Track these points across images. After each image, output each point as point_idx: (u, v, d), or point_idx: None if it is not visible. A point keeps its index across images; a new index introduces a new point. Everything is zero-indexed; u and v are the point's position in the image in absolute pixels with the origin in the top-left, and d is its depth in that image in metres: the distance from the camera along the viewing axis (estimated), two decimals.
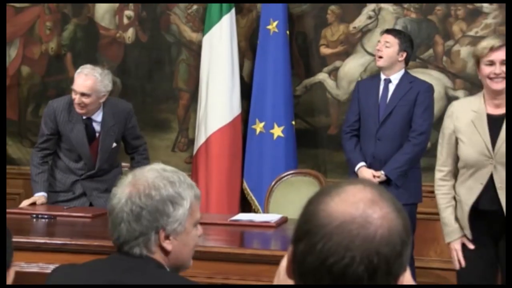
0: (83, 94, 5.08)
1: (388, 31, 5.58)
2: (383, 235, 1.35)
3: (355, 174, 5.55)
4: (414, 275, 5.59)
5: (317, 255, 1.35)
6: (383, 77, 5.60)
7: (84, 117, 5.24)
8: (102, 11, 6.96)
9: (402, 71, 5.56)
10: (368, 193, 1.40)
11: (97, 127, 5.31)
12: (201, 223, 4.91)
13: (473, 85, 6.18)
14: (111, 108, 5.32)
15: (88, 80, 5.08)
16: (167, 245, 2.27)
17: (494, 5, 6.14)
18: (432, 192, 4.47)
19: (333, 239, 1.34)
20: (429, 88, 5.55)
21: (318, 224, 1.37)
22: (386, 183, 5.44)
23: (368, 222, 1.35)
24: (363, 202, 1.38)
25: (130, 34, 6.92)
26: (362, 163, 5.51)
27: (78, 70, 5.16)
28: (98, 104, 5.20)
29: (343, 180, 1.47)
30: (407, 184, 5.48)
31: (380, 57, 5.51)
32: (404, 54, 5.54)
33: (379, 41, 5.57)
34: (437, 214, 4.62)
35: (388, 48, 5.49)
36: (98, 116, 5.29)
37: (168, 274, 2.27)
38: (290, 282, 1.49)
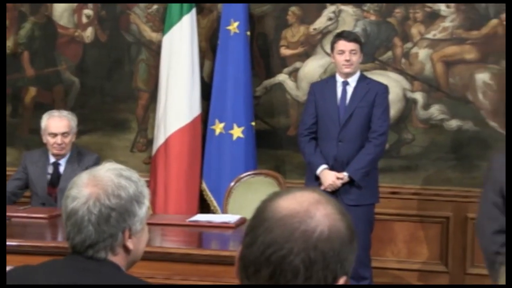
0: (63, 134, 5.54)
1: (346, 38, 5.60)
2: (322, 232, 1.39)
3: (316, 177, 5.57)
4: (371, 275, 5.64)
5: (258, 246, 1.39)
6: (340, 79, 5.64)
7: (52, 161, 5.61)
8: (60, 9, 6.90)
9: (358, 73, 5.65)
10: (316, 195, 1.45)
11: (61, 169, 5.64)
12: (160, 224, 4.93)
13: (431, 87, 6.24)
14: (77, 154, 5.66)
15: (63, 120, 5.59)
16: (130, 244, 2.27)
17: (452, 9, 6.20)
18: (390, 193, 4.51)
19: (274, 231, 1.39)
20: (386, 89, 5.65)
21: (263, 218, 1.42)
22: (348, 184, 5.49)
23: (309, 218, 1.40)
24: (308, 201, 1.43)
25: (89, 33, 6.87)
26: (324, 166, 5.55)
27: (46, 117, 5.63)
28: (71, 144, 5.64)
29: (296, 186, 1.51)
30: (367, 185, 5.53)
31: (350, 65, 5.55)
32: (362, 54, 5.64)
33: (340, 50, 5.57)
34: (396, 214, 4.64)
35: (355, 54, 5.56)
36: (64, 159, 5.65)
37: (125, 276, 2.26)
38: None
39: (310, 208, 1.42)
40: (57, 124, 5.56)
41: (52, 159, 5.61)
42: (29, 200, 5.73)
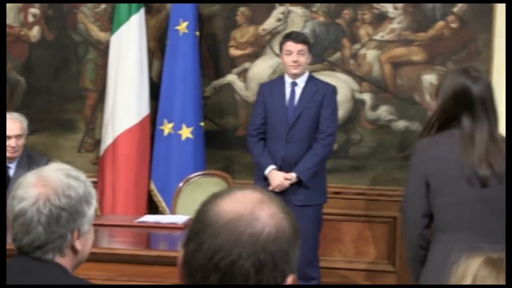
0: (17, 136, 5.48)
1: (294, 39, 5.64)
2: (270, 233, 1.38)
3: (265, 178, 5.59)
4: (319, 275, 5.67)
5: (205, 252, 1.37)
6: (288, 80, 5.67)
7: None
8: (6, 8, 6.82)
9: (307, 73, 5.68)
10: (258, 194, 1.43)
11: (11, 173, 5.55)
12: (108, 225, 4.90)
13: (379, 88, 6.29)
14: (27, 157, 5.59)
15: (16, 122, 5.53)
16: (78, 244, 2.26)
17: (400, 10, 6.26)
18: (338, 193, 4.54)
19: (220, 236, 1.37)
20: (334, 90, 5.70)
21: (207, 223, 1.39)
22: (296, 184, 5.52)
23: (255, 220, 1.38)
24: (251, 202, 1.41)
25: (35, 32, 6.79)
26: (273, 166, 5.57)
27: None
28: (22, 146, 5.60)
29: (236, 186, 1.50)
30: (315, 185, 5.56)
31: (298, 65, 5.58)
32: (311, 55, 5.67)
33: (288, 51, 5.61)
34: (343, 215, 4.68)
35: (302, 55, 5.59)
36: (14, 162, 5.59)
37: (71, 278, 2.25)
38: None
39: (254, 210, 1.40)
40: (10, 126, 5.44)
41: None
42: None
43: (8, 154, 5.47)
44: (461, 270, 1.72)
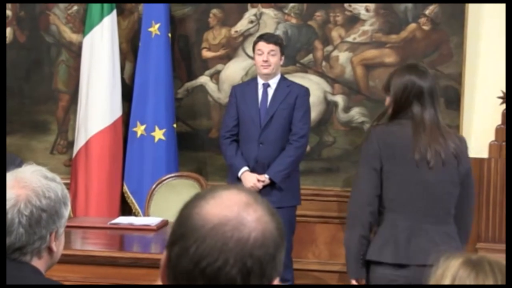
0: None
1: (266, 40, 5.67)
2: (257, 238, 1.36)
3: (238, 179, 5.60)
4: (292, 277, 5.68)
5: (191, 257, 1.34)
6: (261, 81, 5.69)
7: None
8: None
9: (279, 75, 5.71)
10: (243, 196, 1.41)
11: None
12: (81, 227, 4.88)
13: (351, 90, 6.32)
14: None
15: None
16: (54, 246, 2.26)
17: (371, 13, 6.29)
18: (311, 195, 4.56)
19: (206, 242, 1.34)
20: (307, 91, 5.73)
21: (192, 227, 1.36)
22: (269, 186, 5.53)
23: (242, 225, 1.36)
24: (237, 205, 1.38)
25: (7, 33, 6.75)
26: (246, 168, 5.59)
27: None
28: None
29: (219, 185, 1.47)
30: (288, 187, 5.58)
31: (269, 65, 5.60)
32: (283, 57, 5.69)
33: (259, 50, 5.65)
34: (317, 216, 4.70)
35: (273, 56, 5.61)
36: None
37: (45, 280, 2.24)
38: None
39: (240, 214, 1.37)
40: None
41: None
42: None
43: None
44: (440, 270, 1.73)
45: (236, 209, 1.38)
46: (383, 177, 3.88)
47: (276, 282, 1.42)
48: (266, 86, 5.69)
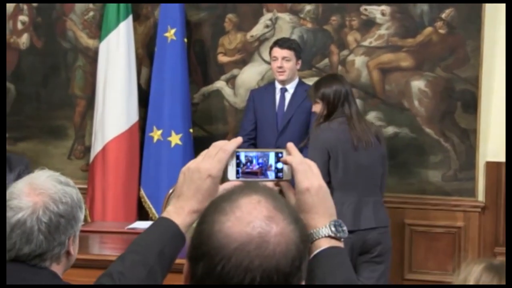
0: None
1: (280, 46, 5.67)
2: (281, 252, 1.34)
3: None
4: None
5: (217, 277, 1.33)
6: (278, 86, 5.69)
7: None
8: None
9: (297, 79, 5.70)
10: (263, 208, 1.38)
11: None
12: (99, 232, 4.89)
13: (368, 94, 6.31)
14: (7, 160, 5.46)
15: None
16: (72, 250, 2.27)
17: (387, 17, 6.27)
18: None
19: (231, 261, 1.33)
20: None
21: (216, 246, 1.34)
22: None
23: (265, 242, 1.34)
24: (259, 220, 1.36)
25: (24, 39, 6.79)
26: None
27: None
28: None
29: (235, 188, 1.45)
30: None
31: (283, 71, 5.60)
32: (300, 61, 5.69)
33: (274, 57, 5.65)
34: None
35: (288, 61, 5.60)
36: None
37: (63, 285, 2.25)
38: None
39: (263, 230, 1.35)
40: None
41: None
42: None
43: None
44: (462, 275, 1.72)
45: (258, 225, 1.35)
46: (330, 165, 4.87)
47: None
48: (283, 90, 5.69)
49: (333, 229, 1.67)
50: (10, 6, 6.76)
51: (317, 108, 4.95)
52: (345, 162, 4.85)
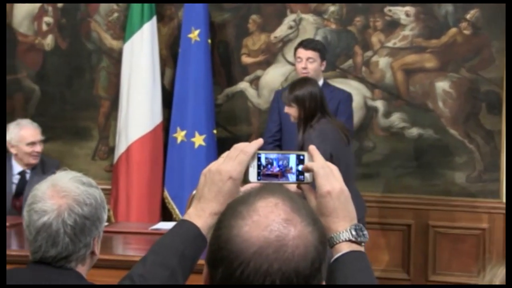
0: (40, 142, 5.53)
1: (305, 46, 5.65)
2: (300, 255, 1.33)
3: None
4: None
5: (236, 282, 1.33)
6: None
7: (18, 170, 5.54)
8: (20, 17, 6.85)
9: (322, 81, 5.67)
10: (281, 210, 1.37)
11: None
12: (122, 232, 4.90)
13: (392, 95, 6.29)
14: (41, 162, 5.60)
15: (36, 128, 5.58)
16: (96, 249, 2.28)
17: (412, 17, 6.26)
18: None
19: (250, 266, 1.32)
20: (350, 97, 5.68)
21: (234, 251, 1.34)
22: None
23: (284, 245, 1.33)
24: (276, 223, 1.35)
25: (49, 40, 6.83)
26: None
27: (17, 127, 5.56)
28: None
29: (252, 190, 1.44)
30: None
31: (307, 72, 5.58)
32: (324, 62, 5.66)
33: (299, 57, 5.64)
34: None
35: (312, 62, 5.58)
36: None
37: (87, 285, 2.26)
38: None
39: (281, 233, 1.34)
40: (33, 132, 5.53)
41: (18, 169, 5.53)
42: None
43: (32, 161, 5.51)
44: (488, 277, 1.71)
45: (276, 228, 1.34)
46: (333, 162, 4.51)
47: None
48: None
49: (353, 233, 1.67)
50: (35, 7, 6.81)
51: (291, 111, 5.06)
52: (344, 158, 4.98)
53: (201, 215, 1.74)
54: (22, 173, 5.54)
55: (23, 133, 5.49)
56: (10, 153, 5.55)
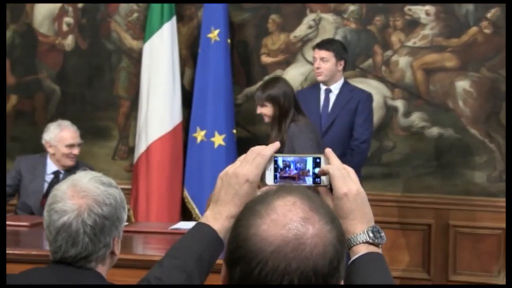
0: (79, 144, 5.59)
1: (319, 46, 5.66)
2: (318, 253, 1.33)
3: None
4: None
5: (254, 281, 1.33)
6: (323, 87, 5.66)
7: (53, 170, 5.55)
8: (41, 17, 6.89)
9: (341, 80, 5.66)
10: (299, 209, 1.36)
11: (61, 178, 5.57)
12: (142, 232, 4.92)
13: (412, 95, 6.27)
14: (75, 166, 5.58)
15: (76, 130, 5.63)
16: (116, 249, 2.28)
17: (432, 17, 6.24)
18: (371, 200, 4.51)
19: (268, 265, 1.31)
20: (369, 97, 5.66)
21: (252, 250, 1.33)
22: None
23: (302, 244, 1.32)
24: (295, 222, 1.34)
25: (69, 41, 6.86)
26: None
27: (57, 128, 5.57)
28: None
29: (270, 190, 1.43)
30: None
31: (321, 72, 5.58)
32: (342, 62, 5.65)
33: (314, 57, 5.65)
34: (377, 222, 4.65)
35: (326, 62, 5.57)
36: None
37: (107, 285, 2.26)
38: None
39: (299, 232, 1.33)
40: (73, 134, 5.57)
41: (53, 168, 5.54)
42: (13, 208, 5.67)
43: (69, 163, 5.54)
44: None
45: (294, 226, 1.34)
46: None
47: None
48: (328, 91, 5.66)
49: (371, 235, 1.68)
50: (55, 7, 6.84)
51: (265, 110, 5.19)
52: (320, 144, 5.09)
53: (218, 218, 1.76)
54: (56, 173, 5.56)
55: (63, 135, 5.52)
56: (45, 152, 5.57)
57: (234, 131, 6.36)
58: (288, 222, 1.34)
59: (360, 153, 5.57)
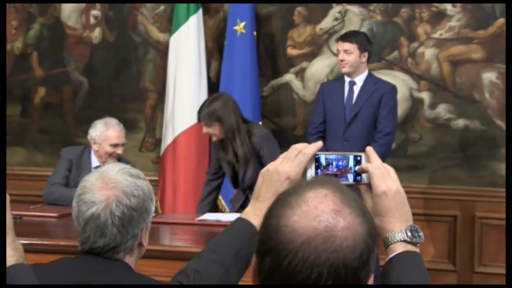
0: (123, 144, 5.52)
1: (343, 39, 5.65)
2: (349, 246, 1.32)
3: None
4: (379, 273, 5.65)
5: (284, 272, 1.32)
6: (347, 79, 5.67)
7: (96, 164, 5.53)
8: (68, 10, 6.94)
9: (366, 72, 5.66)
10: (330, 201, 1.36)
11: None
12: (169, 223, 4.95)
13: (438, 87, 6.26)
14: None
15: (122, 130, 5.53)
16: (144, 241, 2.30)
17: (458, 8, 6.22)
18: None
19: (298, 256, 1.31)
20: (393, 89, 5.65)
21: (282, 241, 1.33)
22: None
23: (332, 236, 1.32)
24: (326, 214, 1.33)
25: (96, 33, 6.91)
26: None
27: (104, 126, 5.49)
28: None
29: (302, 182, 1.44)
30: None
31: (345, 64, 5.58)
32: (366, 54, 5.64)
33: (338, 50, 5.66)
34: None
35: (349, 54, 5.57)
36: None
37: (136, 276, 2.28)
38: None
39: (330, 224, 1.32)
40: (119, 134, 5.52)
41: (96, 163, 5.57)
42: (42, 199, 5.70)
43: (111, 161, 5.46)
44: None
45: (325, 219, 1.33)
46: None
47: (371, 281, 1.38)
48: (352, 83, 5.66)
49: (409, 234, 1.69)
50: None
51: (213, 129, 5.18)
52: None
53: (258, 214, 1.77)
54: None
55: (109, 133, 5.49)
56: (89, 147, 5.58)
57: (260, 123, 6.36)
58: (319, 214, 1.33)
59: (385, 145, 5.56)
